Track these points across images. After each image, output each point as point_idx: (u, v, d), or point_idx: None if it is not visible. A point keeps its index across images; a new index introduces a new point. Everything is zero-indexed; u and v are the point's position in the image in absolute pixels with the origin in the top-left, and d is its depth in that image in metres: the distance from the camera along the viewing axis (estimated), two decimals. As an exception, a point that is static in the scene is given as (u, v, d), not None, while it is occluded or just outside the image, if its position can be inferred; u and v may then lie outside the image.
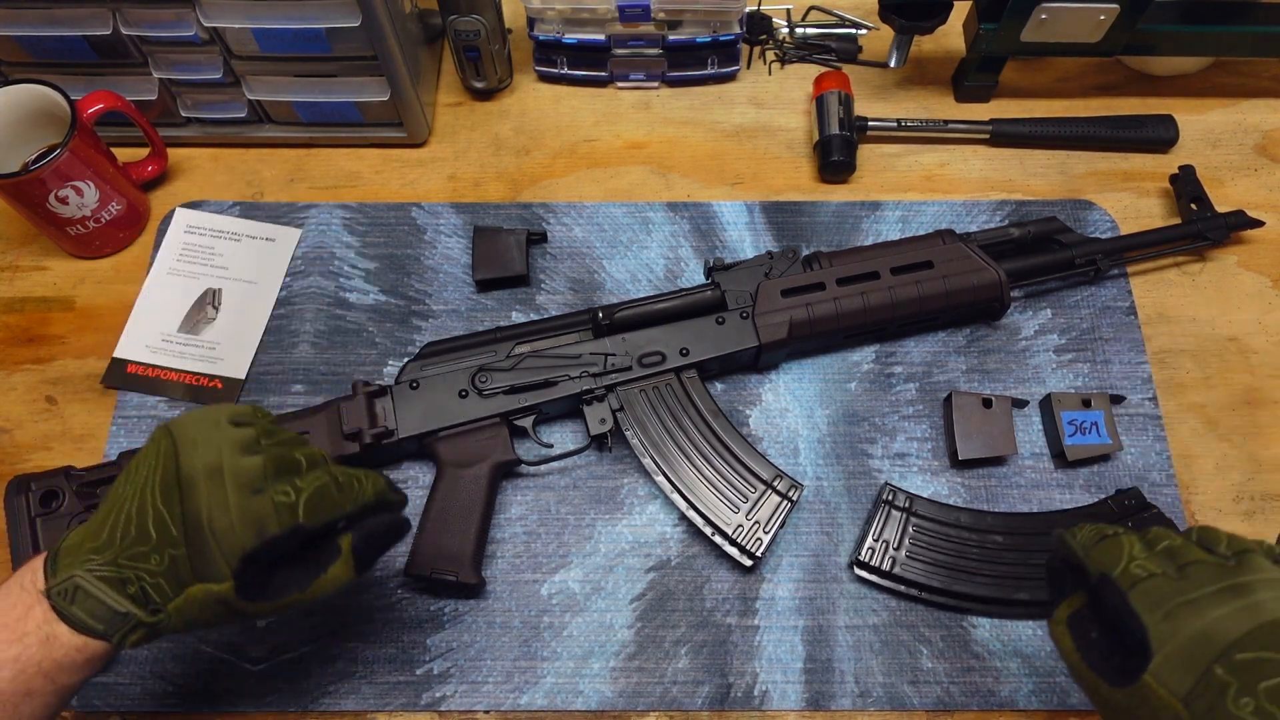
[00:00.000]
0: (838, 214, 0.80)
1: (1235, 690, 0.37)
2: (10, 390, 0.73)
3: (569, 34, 0.82)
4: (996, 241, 0.72)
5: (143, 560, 0.44)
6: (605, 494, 0.69)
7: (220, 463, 0.45)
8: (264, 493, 0.45)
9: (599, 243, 0.79)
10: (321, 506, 0.46)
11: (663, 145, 0.84)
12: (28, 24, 0.71)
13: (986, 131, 0.82)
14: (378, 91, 0.77)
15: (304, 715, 0.63)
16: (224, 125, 0.82)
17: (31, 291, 0.77)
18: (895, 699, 0.63)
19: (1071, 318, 0.75)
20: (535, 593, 0.66)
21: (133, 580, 0.44)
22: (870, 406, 0.72)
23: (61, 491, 0.60)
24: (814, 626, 0.65)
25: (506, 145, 0.85)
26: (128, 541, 0.44)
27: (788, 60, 0.90)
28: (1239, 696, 0.36)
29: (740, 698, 0.63)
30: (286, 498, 0.45)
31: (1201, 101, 0.86)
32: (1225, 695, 0.37)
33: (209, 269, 0.77)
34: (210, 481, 0.44)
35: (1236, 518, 0.68)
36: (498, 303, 0.76)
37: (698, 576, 0.66)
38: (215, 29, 0.72)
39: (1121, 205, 0.81)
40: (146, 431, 0.71)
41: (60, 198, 0.71)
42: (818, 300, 0.69)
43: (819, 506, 0.69)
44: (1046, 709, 0.62)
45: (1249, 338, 0.75)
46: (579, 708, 0.63)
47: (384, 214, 0.80)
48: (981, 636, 0.64)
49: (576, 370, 0.67)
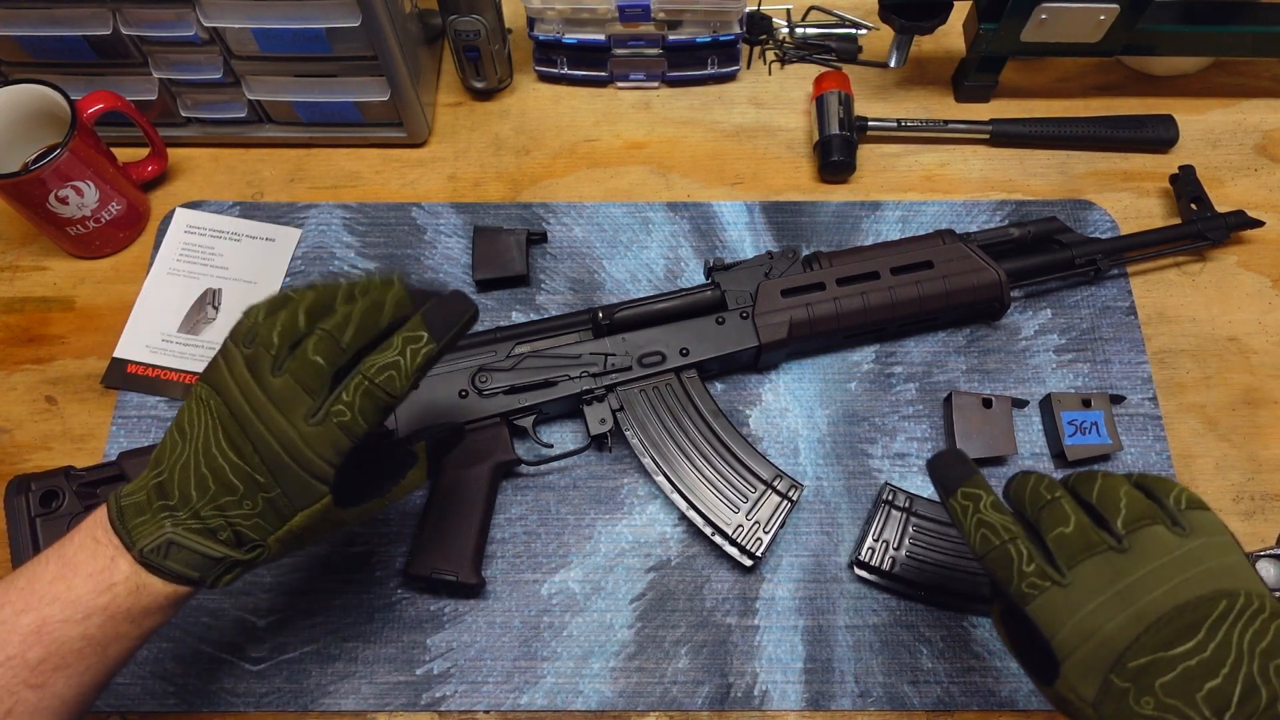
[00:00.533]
0: (838, 214, 0.80)
1: (1134, 693, 0.39)
2: (10, 390, 0.73)
3: (569, 34, 0.82)
4: (996, 241, 0.72)
5: (233, 508, 0.45)
6: (605, 494, 0.69)
7: (262, 398, 0.45)
8: (321, 414, 0.45)
9: (599, 243, 0.79)
10: (371, 406, 0.46)
11: (663, 145, 0.85)
12: (28, 24, 0.71)
13: (986, 131, 0.82)
14: (378, 91, 0.77)
15: (304, 715, 0.63)
16: (224, 125, 0.82)
17: (31, 291, 0.77)
18: (895, 699, 0.63)
19: (1071, 318, 0.75)
20: (535, 593, 0.66)
21: (224, 527, 0.45)
22: (870, 406, 0.72)
23: (61, 491, 0.60)
24: (814, 626, 0.65)
25: (506, 145, 0.85)
26: (208, 496, 0.45)
27: (788, 60, 0.90)
28: (1139, 697, 0.39)
29: (740, 698, 0.63)
30: (343, 416, 0.45)
31: (1201, 101, 0.86)
32: (1127, 698, 0.39)
33: (209, 269, 0.77)
34: (267, 419, 0.45)
35: (1236, 517, 0.68)
36: (498, 303, 0.76)
37: (698, 576, 0.66)
38: (215, 29, 0.72)
39: (1121, 205, 0.81)
40: (146, 431, 0.71)
41: (60, 198, 0.71)
42: (818, 300, 0.69)
43: (819, 506, 0.69)
44: (1046, 709, 0.62)
45: (1249, 338, 0.75)
46: (579, 708, 0.63)
47: (384, 214, 0.80)
48: (981, 636, 0.64)
49: (576, 370, 0.67)
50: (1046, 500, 0.45)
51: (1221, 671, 0.38)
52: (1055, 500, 0.44)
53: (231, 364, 0.46)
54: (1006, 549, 0.44)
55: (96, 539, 0.45)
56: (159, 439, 0.70)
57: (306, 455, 0.45)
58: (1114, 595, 0.41)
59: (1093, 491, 0.44)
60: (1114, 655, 0.40)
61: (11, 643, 0.43)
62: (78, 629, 0.44)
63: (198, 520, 0.45)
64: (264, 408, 0.44)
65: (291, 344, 0.46)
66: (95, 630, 0.44)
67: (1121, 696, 0.40)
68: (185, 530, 0.45)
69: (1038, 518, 0.45)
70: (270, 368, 0.45)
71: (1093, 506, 0.44)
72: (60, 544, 0.46)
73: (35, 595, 0.44)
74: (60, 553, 0.46)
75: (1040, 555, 0.43)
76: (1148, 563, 0.41)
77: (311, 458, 0.45)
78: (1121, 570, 0.41)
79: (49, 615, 0.43)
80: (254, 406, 0.44)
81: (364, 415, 0.45)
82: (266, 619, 0.65)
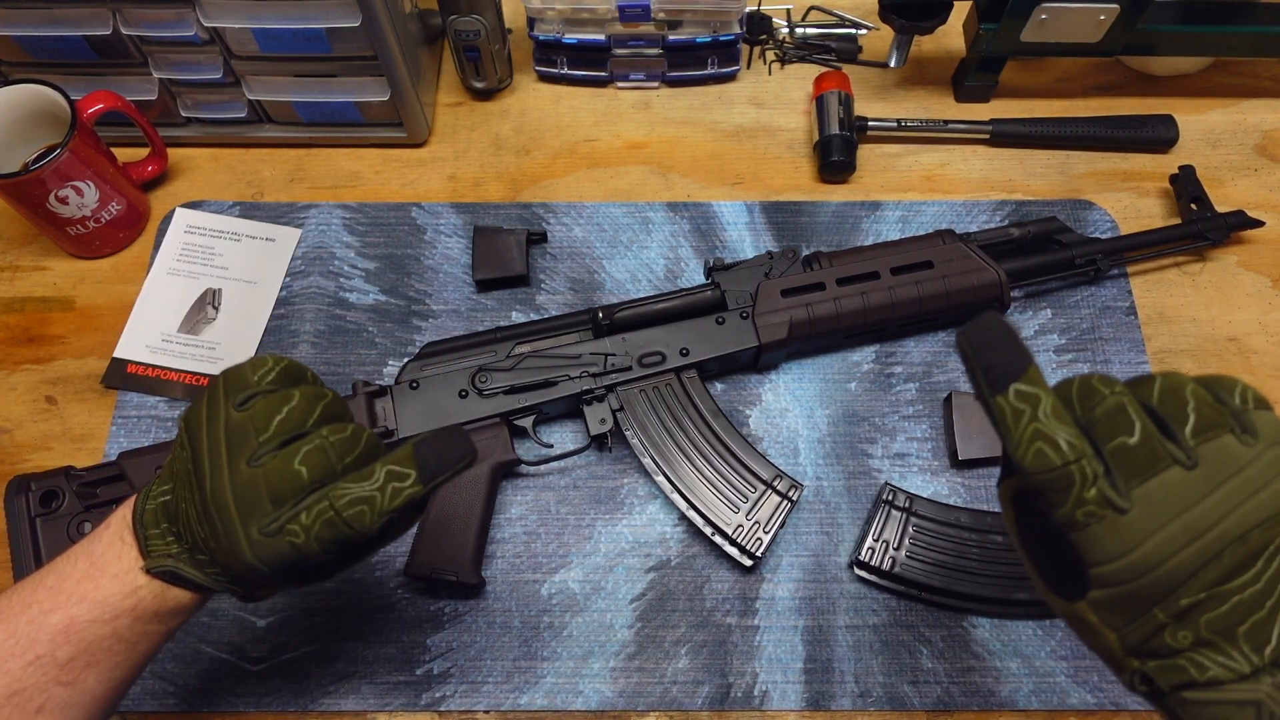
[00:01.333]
0: (838, 214, 0.80)
1: (1174, 627, 0.35)
2: (10, 390, 0.73)
3: (569, 34, 0.82)
4: (996, 241, 0.72)
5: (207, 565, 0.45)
6: (605, 494, 0.69)
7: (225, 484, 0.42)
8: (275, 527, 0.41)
9: (599, 243, 0.79)
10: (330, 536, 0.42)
11: (663, 145, 0.85)
12: (28, 24, 0.71)
13: (986, 131, 0.82)
14: (378, 91, 0.77)
15: (304, 715, 0.63)
16: (224, 125, 0.82)
17: (31, 291, 0.77)
18: (895, 699, 0.63)
19: (1071, 318, 0.75)
20: (535, 593, 0.66)
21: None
22: (870, 406, 0.72)
23: (61, 491, 0.60)
24: (814, 626, 0.65)
25: (506, 145, 0.85)
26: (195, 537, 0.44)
27: (788, 60, 0.90)
28: (1178, 631, 0.35)
29: (740, 698, 0.63)
30: (296, 538, 0.41)
31: (1201, 101, 0.86)
32: (1163, 631, 0.36)
33: (209, 269, 0.77)
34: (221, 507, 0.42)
35: (1236, 518, 0.68)
36: (498, 303, 0.76)
37: (698, 576, 0.66)
38: (215, 29, 0.72)
39: (1121, 205, 0.81)
40: (146, 432, 0.71)
41: (60, 198, 0.71)
42: (818, 300, 0.69)
43: (819, 506, 0.69)
44: (1046, 709, 0.62)
45: (1249, 338, 0.75)
46: (579, 708, 0.63)
47: (384, 214, 0.80)
48: (981, 636, 0.64)
49: (576, 370, 0.67)
50: (1103, 397, 0.36)
51: (1268, 603, 0.35)
52: (1117, 400, 0.36)
53: (213, 421, 0.43)
54: (1070, 471, 0.35)
55: (123, 539, 0.45)
56: (159, 439, 0.70)
57: (248, 560, 0.41)
58: (1181, 526, 0.34)
59: (1153, 393, 0.37)
60: (1166, 591, 0.35)
61: (41, 642, 0.43)
62: (107, 628, 0.44)
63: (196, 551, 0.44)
64: (222, 495, 0.41)
65: (285, 439, 0.42)
66: (124, 630, 0.44)
67: (1159, 629, 0.35)
68: (187, 562, 0.44)
69: (1091, 420, 0.36)
70: (249, 454, 0.41)
71: (1154, 411, 0.37)
72: (89, 540, 0.46)
73: (64, 594, 0.44)
74: (89, 551, 0.45)
75: (1104, 477, 0.35)
76: (1218, 484, 0.35)
77: (253, 563, 0.41)
78: (1191, 493, 0.35)
79: (77, 615, 0.43)
80: (214, 490, 0.42)
81: (320, 543, 0.41)
82: (266, 619, 0.65)
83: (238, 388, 0.43)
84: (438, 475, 0.43)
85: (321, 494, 0.41)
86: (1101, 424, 0.36)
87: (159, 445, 0.63)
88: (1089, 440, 0.36)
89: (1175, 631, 0.35)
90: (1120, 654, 0.37)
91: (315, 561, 0.42)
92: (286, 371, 0.45)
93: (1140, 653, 0.37)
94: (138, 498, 0.46)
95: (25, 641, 0.43)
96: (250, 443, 0.42)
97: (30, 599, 0.44)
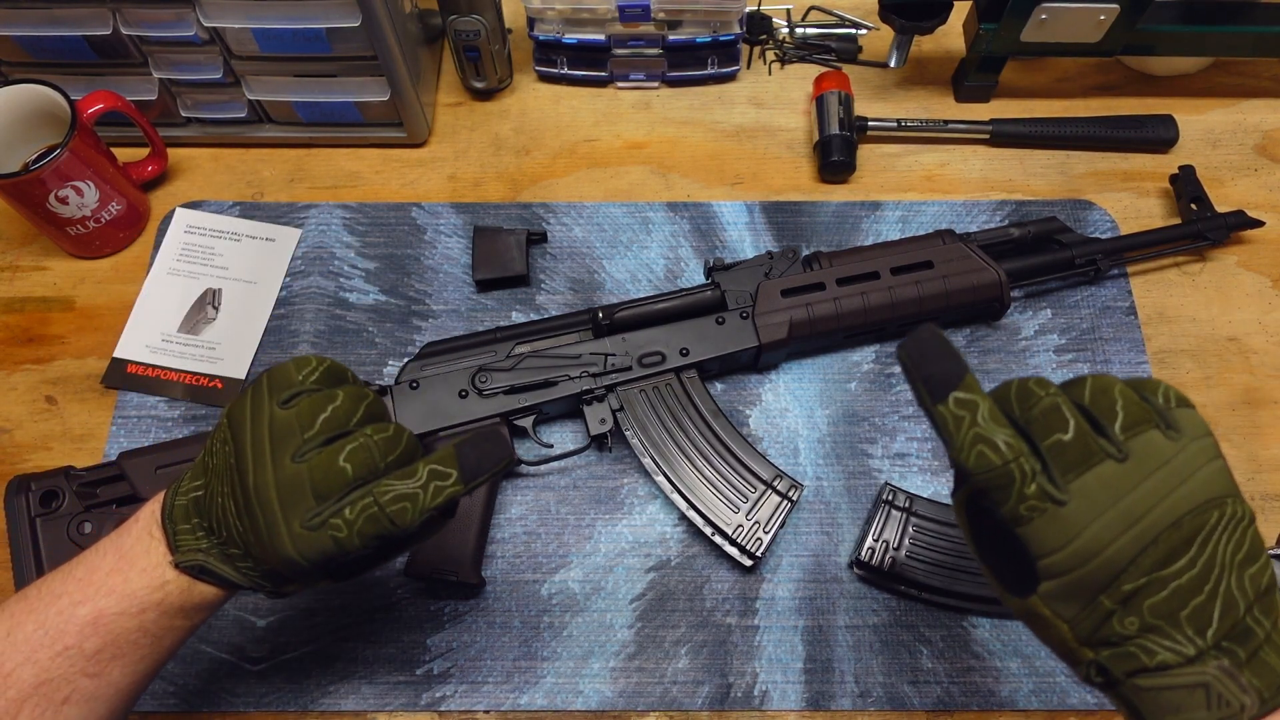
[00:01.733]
0: (838, 214, 0.80)
1: (1120, 614, 0.37)
2: (10, 390, 0.73)
3: (569, 34, 0.82)
4: (996, 241, 0.72)
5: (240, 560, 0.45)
6: (605, 494, 0.69)
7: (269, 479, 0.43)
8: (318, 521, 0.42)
9: (599, 243, 0.79)
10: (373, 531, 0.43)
11: (663, 145, 0.85)
12: (28, 24, 0.71)
13: (986, 131, 0.82)
14: (378, 91, 0.77)
15: (304, 715, 0.63)
16: (224, 125, 0.82)
17: (31, 291, 0.77)
18: (895, 699, 0.63)
19: (1071, 318, 0.75)
20: (535, 593, 0.66)
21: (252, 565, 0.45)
22: (870, 406, 0.72)
23: (61, 491, 0.60)
24: (814, 626, 0.65)
25: (506, 145, 0.85)
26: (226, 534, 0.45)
27: (788, 60, 0.90)
28: (1124, 617, 0.37)
29: (740, 698, 0.63)
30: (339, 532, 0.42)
31: (1201, 101, 0.86)
32: (1111, 619, 0.37)
33: (209, 269, 0.77)
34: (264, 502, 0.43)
35: (1236, 518, 0.68)
36: (498, 303, 0.76)
37: (698, 576, 0.66)
38: (215, 29, 0.72)
39: (1121, 205, 0.81)
40: (146, 432, 0.71)
41: (60, 198, 0.71)
42: (818, 300, 0.69)
43: (819, 506, 0.69)
44: (1046, 709, 0.62)
45: (1249, 338, 0.75)
46: (579, 708, 0.63)
47: (384, 214, 0.80)
48: (981, 636, 0.64)
49: (576, 370, 0.67)
50: (1039, 399, 0.39)
51: (1206, 588, 0.36)
52: (1052, 400, 0.38)
53: (257, 417, 0.44)
54: (1009, 470, 0.37)
55: (152, 534, 0.45)
56: (159, 439, 0.70)
57: (288, 553, 0.42)
58: (1116, 514, 0.37)
59: (1084, 393, 0.39)
60: (1110, 578, 0.37)
61: (69, 633, 0.43)
62: (134, 621, 0.44)
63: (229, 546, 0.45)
64: (265, 489, 0.42)
65: (329, 437, 0.43)
66: (150, 623, 0.44)
67: (1106, 616, 0.37)
68: (217, 557, 0.44)
69: (1029, 419, 0.39)
70: (294, 450, 0.43)
71: (1086, 409, 0.39)
72: (119, 534, 0.46)
73: (93, 587, 0.44)
74: (118, 544, 0.45)
75: (1041, 473, 0.38)
76: (1147, 474, 0.37)
77: (293, 557, 0.42)
78: (1123, 484, 0.37)
79: (105, 608, 0.44)
80: (257, 484, 0.43)
81: (361, 537, 0.42)
82: (266, 619, 0.65)
83: (282, 385, 0.44)
84: (478, 475, 0.44)
85: (365, 490, 0.43)
86: (1038, 423, 0.38)
87: (159, 445, 0.63)
88: (1027, 440, 0.38)
89: (1122, 618, 0.37)
90: (1074, 645, 0.39)
91: (352, 557, 0.43)
92: (330, 371, 0.46)
93: (1092, 642, 0.38)
94: (167, 493, 0.46)
95: (54, 632, 0.43)
96: (295, 439, 0.43)
97: (60, 590, 0.44)
